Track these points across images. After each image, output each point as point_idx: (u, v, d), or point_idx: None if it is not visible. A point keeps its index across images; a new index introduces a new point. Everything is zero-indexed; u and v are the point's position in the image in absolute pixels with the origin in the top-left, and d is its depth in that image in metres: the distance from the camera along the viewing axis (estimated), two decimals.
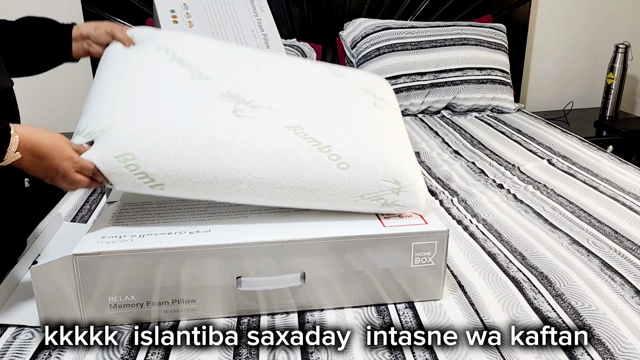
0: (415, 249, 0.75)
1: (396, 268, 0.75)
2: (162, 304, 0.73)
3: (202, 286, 0.73)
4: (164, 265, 0.71)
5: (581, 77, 2.33)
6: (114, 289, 0.71)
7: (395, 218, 0.78)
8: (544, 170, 1.30)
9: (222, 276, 0.73)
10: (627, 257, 0.88)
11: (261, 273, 0.73)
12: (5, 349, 0.69)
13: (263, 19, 1.77)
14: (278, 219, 0.79)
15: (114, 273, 0.70)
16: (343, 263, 0.74)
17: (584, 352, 0.66)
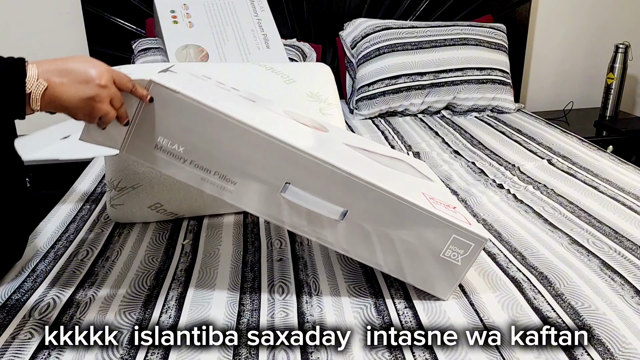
0: (453, 241, 0.75)
1: (426, 250, 0.76)
2: (204, 169, 0.73)
3: (251, 173, 0.73)
4: (227, 134, 0.72)
5: (581, 77, 2.33)
6: (168, 132, 0.72)
7: (443, 205, 0.79)
8: (544, 170, 1.30)
9: (273, 173, 0.73)
10: (627, 257, 0.88)
11: (308, 190, 0.74)
12: (4, 348, 0.69)
13: (263, 19, 1.77)
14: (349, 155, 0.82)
15: (176, 117, 0.71)
16: (384, 221, 0.75)
17: (584, 352, 0.66)
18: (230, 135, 0.71)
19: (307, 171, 0.72)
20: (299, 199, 0.73)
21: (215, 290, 0.82)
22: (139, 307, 0.78)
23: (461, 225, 0.74)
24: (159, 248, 0.96)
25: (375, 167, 0.81)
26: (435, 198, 0.80)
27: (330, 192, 0.73)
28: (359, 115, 1.83)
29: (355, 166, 0.75)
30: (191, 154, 0.72)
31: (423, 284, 0.78)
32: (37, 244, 0.98)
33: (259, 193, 0.74)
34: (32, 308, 0.78)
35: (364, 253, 0.76)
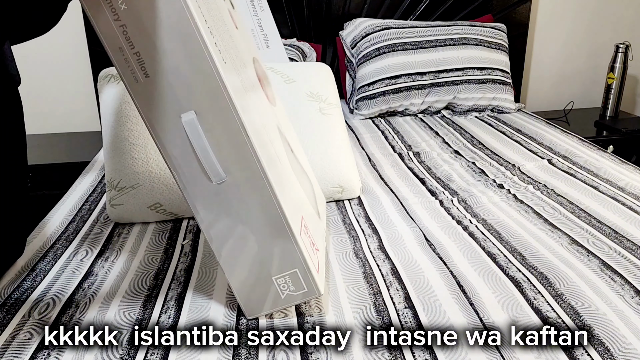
0: (292, 275, 0.71)
1: (266, 264, 0.71)
2: (129, 41, 0.63)
3: (170, 79, 0.64)
4: (182, 36, 0.62)
5: (581, 77, 2.33)
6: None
7: (310, 240, 0.75)
8: (544, 170, 1.30)
9: (189, 93, 0.65)
10: (627, 257, 0.88)
11: (208, 134, 0.66)
12: (4, 348, 0.69)
13: (263, 19, 1.77)
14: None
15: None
16: (250, 213, 0.69)
17: (584, 352, 0.66)
18: (182, 39, 0.62)
19: (220, 115, 0.65)
20: (195, 135, 0.66)
21: (215, 291, 0.82)
22: (138, 307, 0.78)
23: (310, 267, 0.71)
24: (159, 248, 0.96)
25: (280, 164, 0.75)
26: (308, 229, 0.77)
27: (225, 152, 0.66)
28: (359, 115, 1.83)
29: (264, 149, 0.69)
30: (128, 17, 0.62)
31: (239, 290, 0.73)
32: (37, 244, 0.98)
33: (161, 105, 0.65)
34: (31, 307, 0.78)
35: (212, 229, 0.70)
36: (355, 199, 1.16)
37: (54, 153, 1.80)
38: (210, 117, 0.65)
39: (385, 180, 1.26)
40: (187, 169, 0.67)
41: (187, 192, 0.68)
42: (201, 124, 0.65)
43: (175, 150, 0.66)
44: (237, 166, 0.66)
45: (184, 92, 0.64)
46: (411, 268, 0.86)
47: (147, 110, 0.65)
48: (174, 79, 0.63)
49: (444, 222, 1.03)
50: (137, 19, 0.61)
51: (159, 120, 0.65)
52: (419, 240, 0.96)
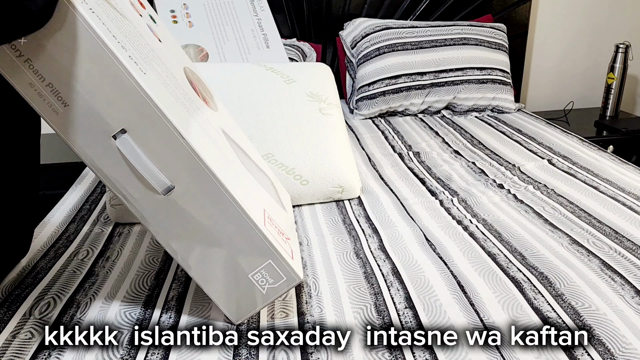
0: (267, 267, 0.70)
1: (237, 264, 0.70)
2: (36, 73, 0.61)
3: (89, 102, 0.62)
4: (85, 46, 0.60)
5: (581, 77, 2.33)
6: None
7: (277, 230, 0.74)
8: (544, 170, 1.30)
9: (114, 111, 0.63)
10: (627, 257, 0.88)
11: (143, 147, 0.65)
12: (4, 348, 0.69)
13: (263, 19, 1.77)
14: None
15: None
16: (207, 217, 0.68)
17: (584, 352, 0.66)
18: (93, 59, 0.60)
19: (151, 126, 0.63)
20: (131, 153, 0.63)
21: None
22: (139, 307, 0.78)
23: (282, 254, 0.70)
24: (160, 248, 0.96)
25: (230, 163, 0.74)
26: (273, 220, 0.76)
27: (165, 161, 0.64)
28: (359, 115, 1.83)
29: (206, 150, 0.67)
30: (30, 50, 0.59)
31: (218, 298, 0.71)
32: (38, 243, 0.98)
33: (87, 130, 0.63)
34: (32, 306, 0.78)
35: (172, 241, 0.68)
36: (355, 199, 1.16)
37: (54, 153, 1.80)
38: (142, 130, 0.63)
39: (385, 180, 1.26)
40: (132, 188, 0.65)
41: (139, 212, 0.67)
42: (134, 140, 0.63)
43: (115, 173, 0.65)
44: (182, 172, 0.65)
45: (108, 112, 0.62)
46: (412, 268, 0.87)
47: (75, 139, 0.63)
48: (95, 101, 0.61)
49: (444, 222, 1.03)
50: (41, 50, 0.58)
51: (89, 147, 0.63)
52: (420, 240, 0.96)
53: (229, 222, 0.68)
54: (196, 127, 0.69)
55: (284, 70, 1.18)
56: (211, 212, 0.67)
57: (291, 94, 1.15)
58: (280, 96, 1.13)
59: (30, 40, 0.58)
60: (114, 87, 0.61)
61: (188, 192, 0.66)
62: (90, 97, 0.61)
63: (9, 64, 0.59)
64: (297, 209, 1.11)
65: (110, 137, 0.63)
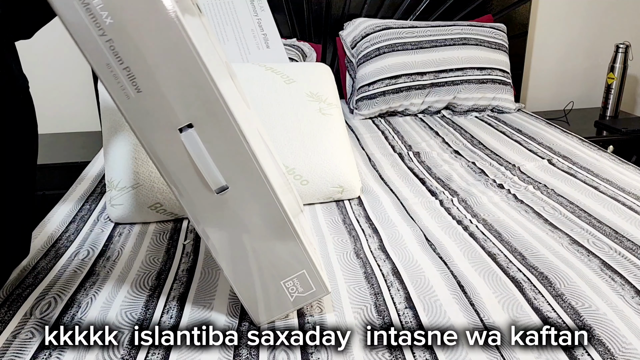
0: (300, 277, 0.71)
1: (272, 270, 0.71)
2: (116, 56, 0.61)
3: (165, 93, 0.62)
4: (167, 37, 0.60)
5: (581, 77, 2.33)
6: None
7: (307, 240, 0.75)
8: (544, 170, 1.30)
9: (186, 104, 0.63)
10: (627, 257, 0.89)
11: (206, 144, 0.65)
12: (5, 348, 0.69)
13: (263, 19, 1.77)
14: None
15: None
16: (254, 220, 0.69)
17: (584, 352, 0.66)
18: (170, 41, 0.60)
19: (218, 125, 0.63)
20: (194, 148, 0.64)
21: (217, 291, 0.82)
22: (140, 307, 0.78)
23: (316, 266, 0.71)
24: (160, 248, 0.96)
25: (269, 167, 0.74)
26: (304, 230, 0.77)
27: (224, 161, 0.65)
28: (359, 115, 1.83)
29: (262, 156, 0.68)
30: (114, 31, 0.59)
31: (246, 298, 0.72)
32: (38, 243, 0.98)
33: (155, 119, 0.63)
34: (33, 306, 0.78)
35: (213, 238, 0.69)
36: (355, 199, 1.16)
37: (54, 153, 1.80)
38: (209, 128, 0.63)
39: (385, 180, 1.26)
40: (188, 182, 0.66)
41: (188, 206, 0.67)
42: (200, 136, 0.63)
43: (174, 165, 0.65)
44: (239, 175, 0.66)
45: (179, 104, 0.62)
46: (412, 268, 0.87)
47: (141, 126, 0.63)
48: (168, 92, 0.61)
49: (444, 222, 1.03)
50: (125, 33, 0.58)
51: (154, 135, 0.64)
52: (420, 240, 0.96)
53: (274, 229, 0.69)
54: (254, 132, 0.70)
55: (284, 70, 1.18)
56: (258, 218, 0.68)
57: (291, 94, 1.15)
58: (280, 96, 1.13)
59: (116, 21, 0.58)
60: (190, 81, 0.61)
61: (240, 195, 0.67)
62: (164, 88, 0.61)
63: (91, 42, 0.59)
64: None
65: (177, 130, 0.63)
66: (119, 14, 0.58)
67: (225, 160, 0.65)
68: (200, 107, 0.62)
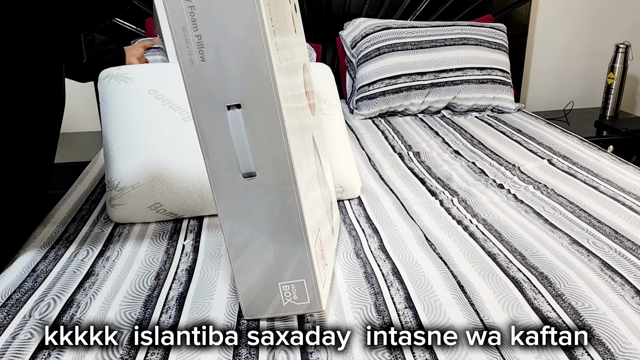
0: (298, 285, 0.71)
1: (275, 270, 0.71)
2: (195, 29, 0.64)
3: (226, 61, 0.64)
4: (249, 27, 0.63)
5: (581, 77, 2.33)
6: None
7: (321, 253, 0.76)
8: (544, 170, 1.30)
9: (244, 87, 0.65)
10: (627, 257, 0.88)
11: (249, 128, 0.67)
12: (4, 348, 0.69)
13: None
14: None
15: None
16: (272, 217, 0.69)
17: (584, 352, 0.66)
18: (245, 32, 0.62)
19: (264, 113, 0.65)
20: (236, 128, 0.66)
21: (216, 291, 0.82)
22: (139, 307, 0.78)
23: (317, 280, 0.71)
24: (160, 248, 0.96)
25: (309, 172, 0.75)
26: (322, 242, 0.77)
27: (260, 148, 0.66)
28: (359, 115, 1.83)
29: (297, 153, 0.69)
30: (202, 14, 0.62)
31: (244, 293, 0.72)
32: (38, 244, 0.98)
33: (209, 90, 0.65)
34: (32, 308, 0.78)
35: (227, 222, 0.69)
36: (355, 199, 1.16)
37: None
38: (255, 113, 0.65)
39: (385, 180, 1.26)
40: (220, 157, 0.67)
41: (214, 182, 0.68)
42: (244, 118, 0.65)
43: (213, 137, 0.67)
44: (270, 166, 0.67)
45: (235, 83, 0.64)
46: (412, 268, 0.87)
47: (195, 93, 0.65)
48: (229, 69, 0.63)
49: (444, 222, 1.03)
50: (207, 3, 0.61)
51: (202, 106, 0.65)
52: (420, 240, 0.96)
53: (287, 229, 0.69)
54: (296, 129, 0.71)
55: None
56: (276, 213, 0.69)
57: None
58: None
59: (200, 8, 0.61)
60: (251, 65, 0.63)
61: (265, 185, 0.68)
62: (226, 64, 0.63)
63: (176, 3, 0.62)
64: None
65: (225, 107, 0.65)
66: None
67: (260, 148, 0.66)
68: (254, 92, 0.64)
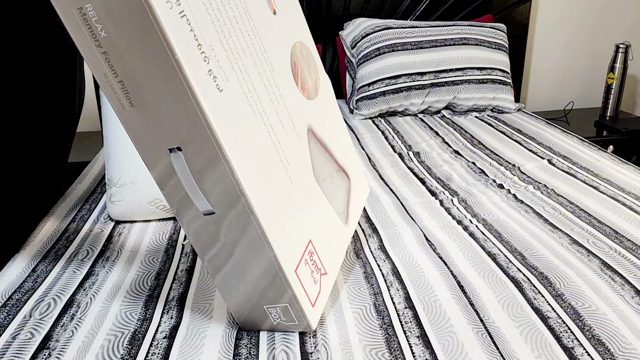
0: (283, 308, 0.70)
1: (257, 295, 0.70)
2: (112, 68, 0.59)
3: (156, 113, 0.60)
4: (151, 45, 0.57)
5: (581, 77, 2.33)
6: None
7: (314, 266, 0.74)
8: (544, 170, 1.30)
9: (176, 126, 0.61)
10: (627, 257, 0.89)
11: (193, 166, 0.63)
12: (5, 348, 0.69)
13: None
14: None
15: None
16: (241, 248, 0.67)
17: (584, 352, 0.66)
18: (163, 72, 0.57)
19: (205, 153, 0.61)
20: (181, 171, 0.63)
21: (216, 291, 0.82)
22: (139, 307, 0.78)
23: (301, 304, 0.69)
24: (160, 248, 0.96)
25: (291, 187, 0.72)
26: (314, 253, 0.75)
27: (211, 188, 0.63)
28: (359, 115, 1.83)
29: (259, 181, 0.65)
30: (108, 45, 0.57)
31: (236, 312, 0.72)
32: (37, 244, 0.98)
33: (148, 134, 0.61)
34: (32, 308, 0.78)
35: (204, 255, 0.69)
36: None
37: None
38: (197, 154, 0.61)
39: (385, 180, 1.26)
40: (177, 197, 0.65)
41: (179, 218, 0.67)
42: (187, 160, 0.62)
43: (165, 178, 0.64)
44: (224, 204, 0.64)
45: (168, 126, 0.60)
46: (411, 268, 0.87)
47: (135, 137, 0.62)
48: (158, 112, 0.60)
49: (444, 222, 1.03)
50: (117, 48, 0.57)
51: (147, 148, 0.63)
52: (419, 240, 0.96)
53: (258, 261, 0.67)
54: (264, 150, 0.67)
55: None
56: (243, 246, 0.67)
57: None
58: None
59: (109, 35, 0.56)
60: (180, 105, 0.59)
61: (226, 222, 0.65)
62: (155, 108, 0.59)
63: (90, 52, 0.58)
64: None
65: (167, 150, 0.62)
66: (110, 29, 0.56)
67: (210, 187, 0.63)
68: (188, 133, 0.60)
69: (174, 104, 0.59)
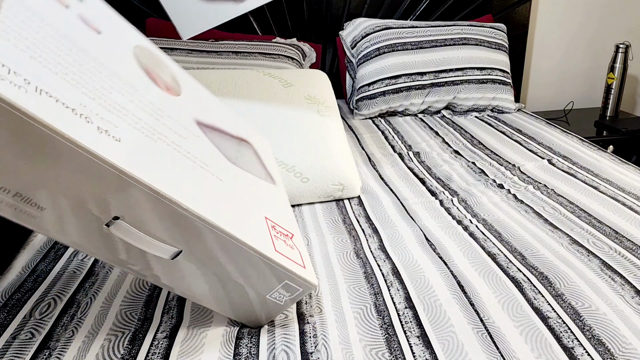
0: (284, 286, 0.71)
1: (254, 292, 0.71)
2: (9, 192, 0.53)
3: (67, 202, 0.55)
4: (31, 141, 0.50)
5: (581, 77, 2.33)
6: None
7: (283, 236, 0.74)
8: (544, 170, 1.30)
9: (99, 206, 0.57)
10: (627, 257, 0.89)
11: (140, 226, 0.60)
12: (5, 348, 0.69)
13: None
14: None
15: None
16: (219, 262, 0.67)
17: (584, 352, 0.66)
18: (43, 147, 0.51)
19: (142, 206, 0.58)
20: (128, 235, 0.60)
21: None
22: (140, 307, 0.78)
23: (296, 272, 0.70)
24: None
25: (221, 183, 0.70)
26: (277, 225, 0.75)
27: (164, 232, 0.61)
28: (359, 115, 1.84)
29: (198, 195, 0.63)
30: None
31: (239, 317, 0.73)
32: (37, 244, 0.98)
33: (73, 223, 0.57)
34: (32, 308, 0.78)
35: (189, 292, 0.68)
36: (355, 198, 1.16)
37: None
38: (134, 213, 0.59)
39: (385, 180, 1.26)
40: (137, 261, 0.63)
41: (163, 283, 0.66)
42: (130, 223, 0.59)
43: (114, 254, 0.62)
44: (184, 237, 0.62)
45: (92, 205, 0.56)
46: (412, 268, 0.87)
47: (61, 236, 0.58)
48: (73, 200, 0.55)
49: (444, 222, 1.03)
50: (7, 167, 0.51)
51: (79, 238, 0.59)
52: (420, 240, 0.96)
53: (241, 261, 0.67)
54: (179, 171, 0.64)
55: (282, 75, 1.20)
56: (223, 259, 0.66)
57: (290, 97, 1.16)
58: (279, 99, 1.15)
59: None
60: (88, 177, 0.53)
61: (195, 251, 0.65)
62: (65, 197, 0.54)
63: None
64: (297, 208, 1.12)
65: (103, 226, 0.58)
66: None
67: (165, 231, 0.61)
68: (116, 199, 0.56)
69: (88, 181, 0.54)
